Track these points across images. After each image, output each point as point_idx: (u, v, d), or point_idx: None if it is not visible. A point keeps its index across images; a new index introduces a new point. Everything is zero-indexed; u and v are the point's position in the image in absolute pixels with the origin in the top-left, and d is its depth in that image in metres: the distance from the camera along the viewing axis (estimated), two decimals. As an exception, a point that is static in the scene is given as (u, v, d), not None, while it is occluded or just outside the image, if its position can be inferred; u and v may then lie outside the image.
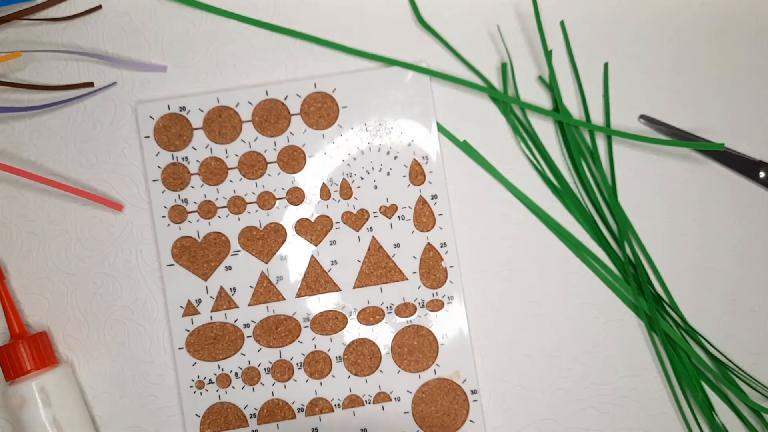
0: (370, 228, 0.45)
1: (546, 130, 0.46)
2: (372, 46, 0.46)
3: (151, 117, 0.45)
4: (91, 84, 0.45)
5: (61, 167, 0.45)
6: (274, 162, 0.45)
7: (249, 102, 0.45)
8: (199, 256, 0.44)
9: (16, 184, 0.45)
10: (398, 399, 0.44)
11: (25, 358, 0.42)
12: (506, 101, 0.46)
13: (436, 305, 0.45)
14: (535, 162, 0.46)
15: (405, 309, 0.45)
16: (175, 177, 0.45)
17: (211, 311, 0.44)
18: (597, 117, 0.46)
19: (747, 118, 0.47)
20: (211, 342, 0.44)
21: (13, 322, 0.43)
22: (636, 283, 0.45)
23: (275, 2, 0.46)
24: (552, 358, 0.45)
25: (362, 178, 0.45)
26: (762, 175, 0.46)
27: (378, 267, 0.45)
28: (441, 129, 0.46)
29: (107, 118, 0.45)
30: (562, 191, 0.46)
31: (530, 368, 0.45)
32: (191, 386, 0.44)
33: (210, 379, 0.44)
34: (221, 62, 0.46)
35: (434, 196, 0.45)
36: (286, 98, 0.45)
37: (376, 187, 0.45)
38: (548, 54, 0.45)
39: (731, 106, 0.47)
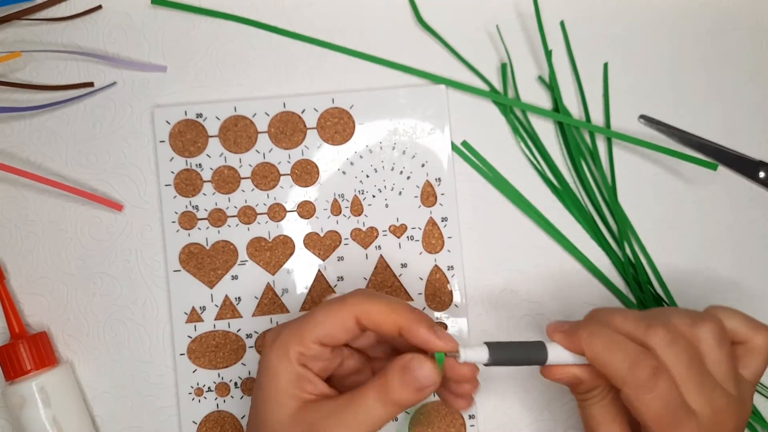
0: (379, 246, 0.45)
1: (546, 131, 0.46)
2: (372, 47, 0.46)
3: (167, 122, 0.45)
4: (91, 84, 0.45)
5: (60, 167, 0.45)
6: (287, 174, 0.45)
7: (266, 113, 0.45)
8: (206, 263, 0.44)
9: (15, 184, 0.45)
10: (395, 419, 0.44)
11: (25, 358, 0.42)
12: (507, 104, 0.46)
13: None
14: (535, 162, 0.46)
15: None
16: (187, 183, 0.45)
17: (215, 319, 0.44)
18: (597, 117, 0.46)
19: (746, 118, 0.47)
20: (212, 350, 0.44)
21: (13, 322, 0.43)
22: (636, 283, 0.45)
23: (275, 3, 0.46)
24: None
25: (374, 196, 0.45)
26: (761, 175, 0.46)
27: (384, 286, 0.45)
28: (456, 149, 0.46)
29: (107, 118, 0.45)
30: (562, 191, 0.46)
31: (529, 370, 0.45)
32: (190, 393, 0.44)
33: (209, 387, 0.44)
34: (221, 62, 0.46)
35: (444, 219, 0.45)
36: (303, 111, 0.45)
37: (387, 205, 0.45)
38: (548, 54, 0.46)
39: (731, 106, 0.47)
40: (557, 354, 0.35)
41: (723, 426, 0.33)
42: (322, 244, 0.45)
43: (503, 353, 0.34)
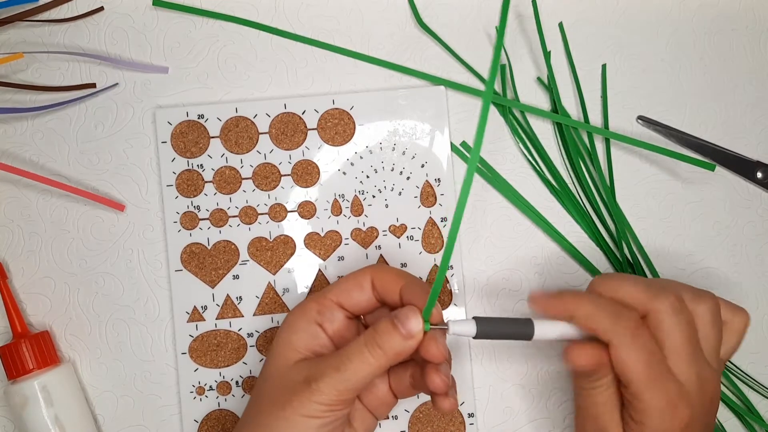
0: (379, 246, 0.45)
1: (545, 131, 0.46)
2: (372, 49, 0.46)
3: (169, 123, 0.45)
4: (93, 85, 0.45)
5: (63, 168, 0.45)
6: (288, 175, 0.45)
7: (267, 114, 0.45)
8: (208, 263, 0.45)
9: (18, 185, 0.45)
10: (396, 417, 0.45)
11: (27, 358, 0.42)
12: (506, 105, 0.46)
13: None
14: (533, 163, 0.46)
15: None
16: (189, 183, 0.45)
17: (216, 318, 0.44)
18: (595, 117, 0.47)
19: (744, 119, 0.47)
20: (213, 349, 0.44)
21: (15, 321, 0.43)
22: (634, 283, 0.45)
23: (276, 5, 0.46)
24: (550, 358, 0.45)
25: (374, 197, 0.45)
26: (759, 175, 0.46)
27: None
28: (455, 150, 0.46)
29: (109, 119, 0.45)
30: (560, 192, 0.46)
31: (527, 369, 0.45)
32: (191, 392, 0.44)
33: (210, 386, 0.44)
34: (222, 63, 0.46)
35: (444, 219, 0.45)
36: (303, 113, 0.45)
37: (387, 206, 0.45)
38: (547, 55, 0.46)
39: (728, 107, 0.47)
40: (544, 330, 0.36)
41: (705, 396, 0.35)
42: (323, 244, 0.45)
43: (490, 326, 0.35)
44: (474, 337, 0.35)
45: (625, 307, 0.35)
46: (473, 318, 0.35)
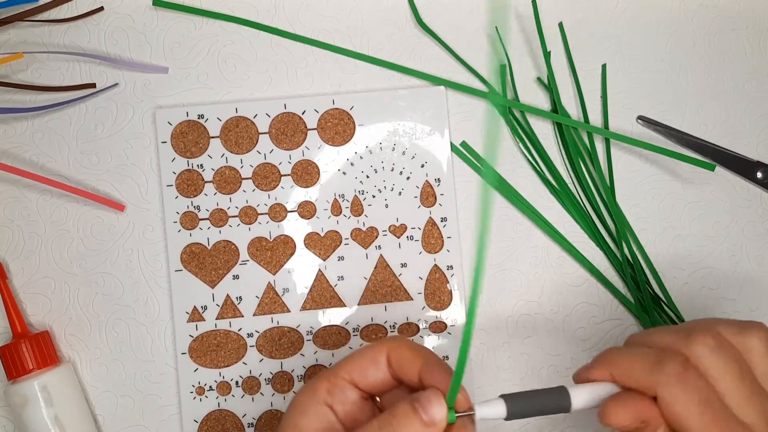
0: (379, 246, 0.45)
1: (545, 131, 0.46)
2: (372, 49, 0.46)
3: (169, 123, 0.45)
4: (93, 85, 0.45)
5: (63, 168, 0.45)
6: (288, 175, 0.45)
7: (267, 114, 0.45)
8: (208, 263, 0.45)
9: (18, 185, 0.45)
10: None
11: (27, 358, 0.42)
12: (506, 105, 0.46)
13: (438, 327, 0.45)
14: (533, 163, 0.46)
15: (408, 329, 0.45)
16: (189, 183, 0.45)
17: (216, 319, 0.44)
18: (595, 117, 0.47)
19: (744, 119, 0.47)
20: (213, 349, 0.44)
21: (15, 321, 0.43)
22: (634, 283, 0.45)
23: (276, 5, 0.46)
24: (550, 357, 0.45)
25: (374, 197, 0.45)
26: (759, 175, 0.46)
27: (384, 285, 0.45)
28: (455, 150, 0.46)
29: (109, 119, 0.45)
30: (560, 192, 0.46)
31: (528, 369, 0.45)
32: (191, 392, 0.44)
33: (210, 386, 0.44)
34: (222, 63, 0.46)
35: (444, 219, 0.45)
36: (303, 113, 0.45)
37: (387, 206, 0.45)
38: (547, 55, 0.46)
39: (728, 107, 0.47)
40: (581, 398, 0.32)
41: None
42: (323, 244, 0.45)
43: (522, 405, 0.31)
44: (506, 419, 0.31)
45: (667, 351, 0.31)
46: (501, 397, 0.31)
